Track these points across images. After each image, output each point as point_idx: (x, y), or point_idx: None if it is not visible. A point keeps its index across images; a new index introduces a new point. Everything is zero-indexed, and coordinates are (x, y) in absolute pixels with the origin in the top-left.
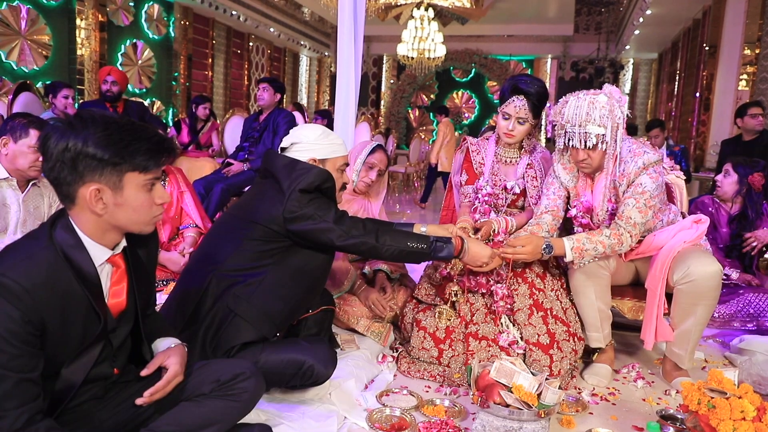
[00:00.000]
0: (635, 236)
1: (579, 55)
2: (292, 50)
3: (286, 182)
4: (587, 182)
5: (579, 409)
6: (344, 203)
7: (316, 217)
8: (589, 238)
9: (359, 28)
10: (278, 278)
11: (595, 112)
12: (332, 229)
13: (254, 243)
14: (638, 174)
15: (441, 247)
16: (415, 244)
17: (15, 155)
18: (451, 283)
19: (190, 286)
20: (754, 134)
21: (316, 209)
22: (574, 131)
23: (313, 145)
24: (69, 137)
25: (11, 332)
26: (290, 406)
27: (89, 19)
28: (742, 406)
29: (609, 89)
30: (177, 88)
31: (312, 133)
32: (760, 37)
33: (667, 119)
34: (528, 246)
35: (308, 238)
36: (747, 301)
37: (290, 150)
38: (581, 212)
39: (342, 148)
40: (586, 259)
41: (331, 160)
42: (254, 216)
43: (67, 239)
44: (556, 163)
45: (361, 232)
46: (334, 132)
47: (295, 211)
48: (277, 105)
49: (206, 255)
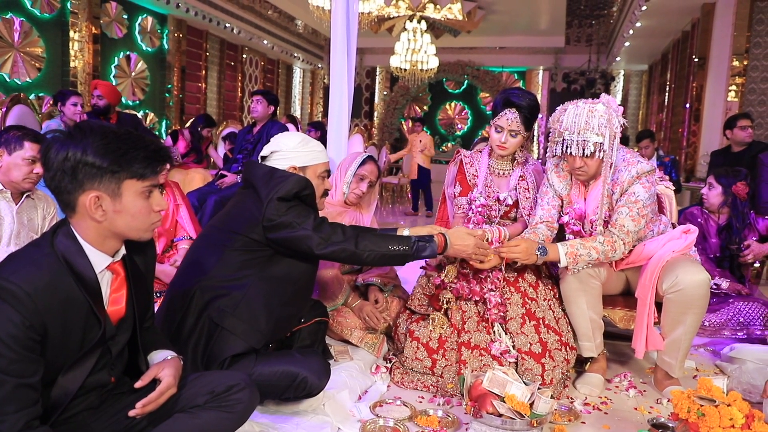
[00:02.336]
0: (628, 244)
1: (570, 67)
2: (286, 62)
3: (265, 191)
4: (580, 190)
5: (571, 418)
6: (335, 215)
7: (295, 225)
8: (583, 244)
9: (352, 41)
10: (262, 288)
11: (593, 120)
12: (311, 237)
13: (236, 253)
14: (631, 183)
15: (423, 246)
16: (396, 247)
17: (9, 167)
18: (444, 291)
19: (174, 301)
20: (743, 145)
21: (295, 217)
22: (572, 139)
23: (293, 152)
24: (69, 147)
25: (12, 336)
26: (284, 418)
27: (83, 31)
28: (731, 413)
29: (606, 99)
30: (170, 100)
31: (291, 141)
32: (748, 49)
33: (658, 130)
34: (522, 245)
35: (288, 246)
36: (737, 310)
37: (270, 158)
38: (573, 219)
39: (322, 155)
40: (580, 265)
41: (312, 167)
42: (235, 226)
43: (69, 246)
44: (550, 172)
45: (341, 239)
46: (316, 141)
47: (273, 219)
48: (270, 117)
49: (190, 268)
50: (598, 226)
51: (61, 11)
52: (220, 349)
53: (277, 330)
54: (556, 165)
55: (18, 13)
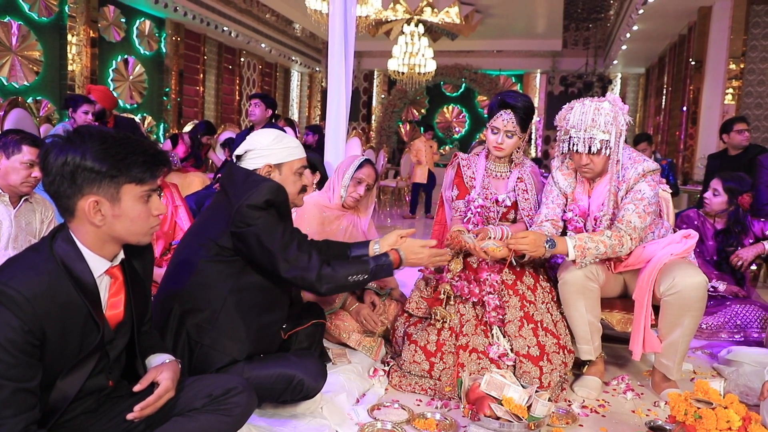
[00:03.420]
0: (635, 240)
1: (568, 70)
2: (284, 66)
3: (236, 197)
4: (585, 187)
5: (569, 421)
6: (333, 219)
7: (262, 239)
8: (591, 237)
9: (350, 44)
10: (239, 299)
11: (600, 118)
12: (275, 256)
13: (210, 264)
14: (637, 180)
15: (380, 269)
16: (354, 277)
17: (7, 171)
18: (444, 284)
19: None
20: (740, 149)
21: (263, 229)
22: (579, 136)
23: (267, 150)
24: (68, 152)
25: (10, 341)
26: (282, 421)
27: (80, 35)
28: (727, 416)
29: (612, 97)
30: (168, 103)
31: (265, 138)
32: (745, 52)
33: (655, 133)
34: (530, 236)
35: (253, 259)
36: (734, 313)
37: (245, 157)
38: (576, 215)
39: (298, 151)
40: (588, 259)
41: (288, 164)
42: (209, 232)
43: (67, 250)
44: (555, 170)
45: (305, 265)
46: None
47: (240, 227)
48: (268, 120)
49: (168, 282)
50: (602, 223)
51: (59, 15)
52: (203, 364)
53: (262, 338)
54: (561, 163)
55: (16, 16)
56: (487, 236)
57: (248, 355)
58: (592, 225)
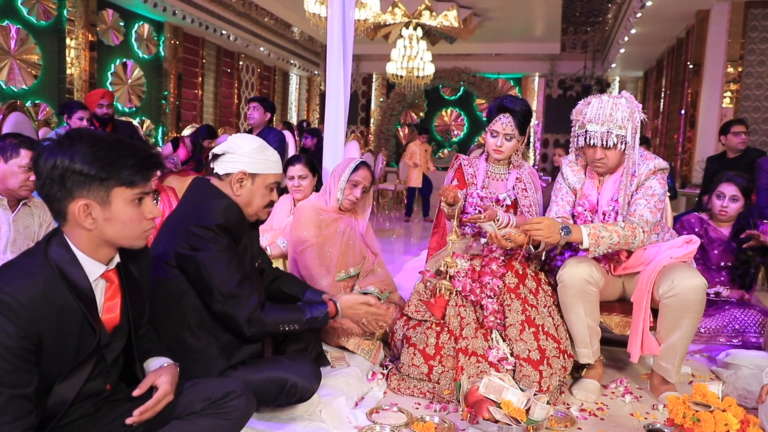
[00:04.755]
0: (647, 233)
1: (566, 73)
2: (282, 69)
3: (186, 216)
4: (594, 183)
5: (567, 424)
6: (330, 222)
7: (203, 269)
8: (605, 227)
9: (348, 47)
10: (201, 318)
11: (617, 113)
12: (211, 289)
13: (170, 283)
14: (648, 176)
15: (315, 320)
16: (287, 326)
17: (6, 175)
18: (443, 281)
19: None
20: (738, 152)
21: (207, 260)
22: (595, 130)
23: (247, 157)
24: (57, 155)
25: (6, 347)
26: (280, 425)
27: (79, 38)
28: (726, 419)
29: (627, 94)
30: (167, 106)
31: (248, 145)
32: (743, 56)
33: (654, 136)
34: (545, 221)
35: (193, 285)
36: (732, 317)
37: (222, 159)
38: (586, 210)
39: (276, 166)
40: (601, 248)
41: (263, 176)
42: (166, 246)
43: (62, 255)
44: (564, 167)
45: (237, 304)
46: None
47: (185, 248)
48: (267, 124)
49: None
50: (610, 219)
51: (57, 18)
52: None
53: (240, 346)
54: (570, 160)
55: (14, 20)
56: (495, 217)
57: (232, 365)
58: (601, 220)
